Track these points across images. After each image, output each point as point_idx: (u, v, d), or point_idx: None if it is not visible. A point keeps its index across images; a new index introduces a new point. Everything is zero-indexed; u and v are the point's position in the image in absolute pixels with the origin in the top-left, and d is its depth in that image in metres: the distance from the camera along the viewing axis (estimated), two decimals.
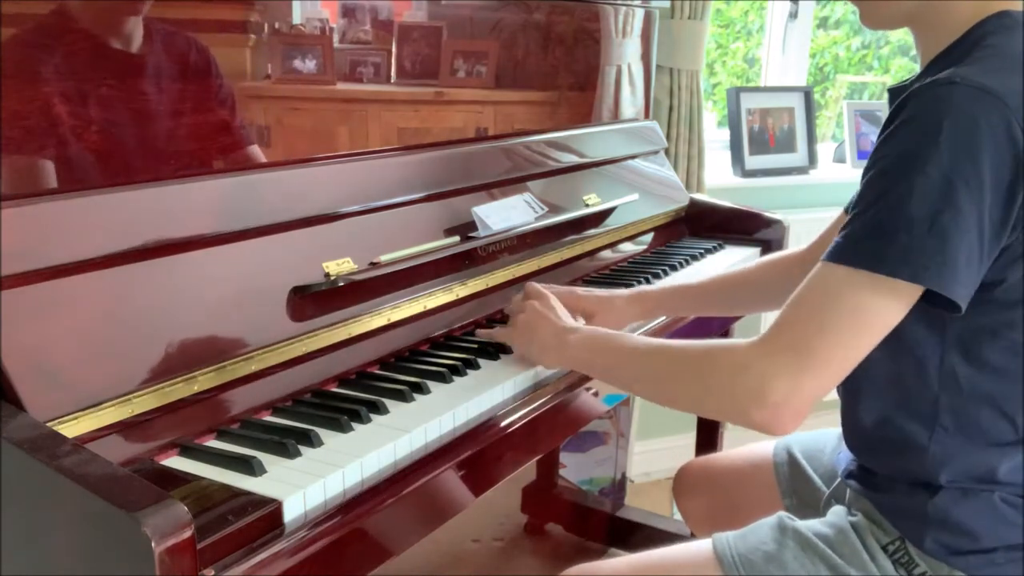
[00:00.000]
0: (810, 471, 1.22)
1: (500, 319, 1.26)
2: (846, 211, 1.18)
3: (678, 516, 1.43)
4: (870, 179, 0.86)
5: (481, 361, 1.09)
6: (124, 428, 0.83)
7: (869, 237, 0.83)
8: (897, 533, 0.97)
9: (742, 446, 1.35)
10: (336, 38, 1.19)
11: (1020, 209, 0.82)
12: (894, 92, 1.01)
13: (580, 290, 1.26)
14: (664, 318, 1.34)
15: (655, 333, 1.31)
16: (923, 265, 0.81)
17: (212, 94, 1.02)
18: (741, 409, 0.87)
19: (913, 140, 0.83)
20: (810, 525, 1.02)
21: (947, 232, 0.80)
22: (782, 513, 1.05)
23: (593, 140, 1.65)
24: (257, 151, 1.08)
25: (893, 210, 0.82)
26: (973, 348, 0.90)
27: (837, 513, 1.03)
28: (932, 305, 0.84)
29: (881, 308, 0.83)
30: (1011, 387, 0.90)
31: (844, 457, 1.08)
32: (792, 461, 1.24)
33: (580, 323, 1.12)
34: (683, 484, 1.38)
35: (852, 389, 0.98)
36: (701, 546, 1.05)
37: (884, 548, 0.97)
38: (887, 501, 0.98)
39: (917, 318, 0.86)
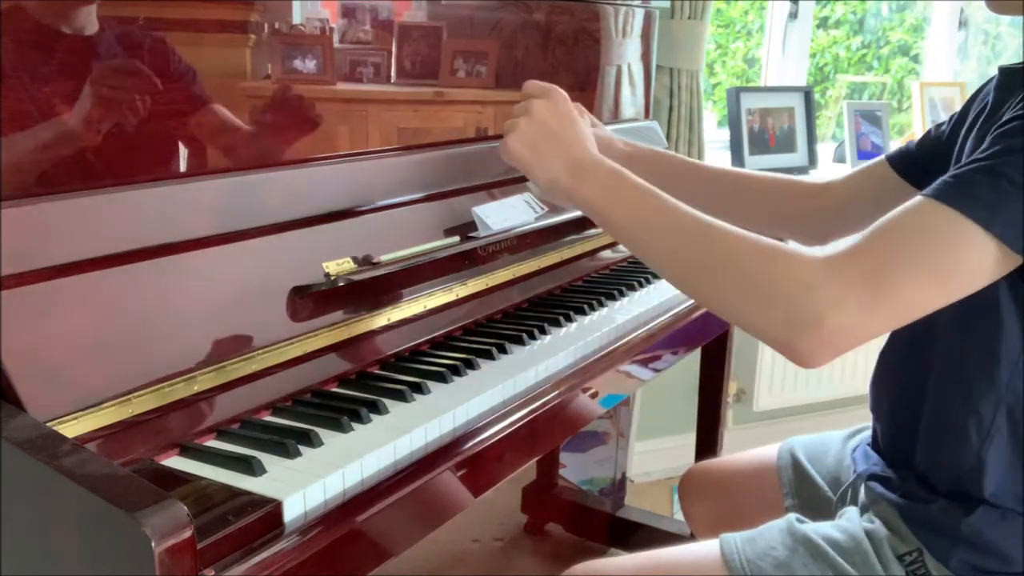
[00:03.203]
0: (813, 473, 1.21)
1: (501, 319, 1.26)
2: (887, 159, 1.14)
3: (679, 516, 1.43)
4: (1002, 132, 0.80)
5: (481, 361, 1.09)
6: (124, 428, 0.83)
7: (985, 187, 0.77)
8: (917, 544, 0.94)
9: (746, 450, 1.35)
10: (336, 38, 1.19)
11: None
12: (1007, 73, 0.96)
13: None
14: (667, 316, 1.33)
15: (657, 331, 1.30)
16: (1016, 225, 0.76)
17: (201, 95, 1.02)
18: (792, 329, 0.78)
19: None
20: (821, 530, 1.00)
21: None
22: (792, 516, 1.03)
23: None
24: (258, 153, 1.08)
25: (1016, 169, 0.77)
26: None
27: (851, 518, 1.01)
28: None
29: (976, 262, 0.78)
30: None
31: (865, 456, 1.06)
32: (796, 464, 1.23)
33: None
34: (689, 489, 1.37)
35: (917, 371, 0.93)
36: (708, 547, 1.03)
37: (900, 558, 0.94)
38: (915, 511, 0.95)
39: (1005, 304, 0.83)
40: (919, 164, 1.10)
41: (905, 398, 1.00)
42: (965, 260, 0.78)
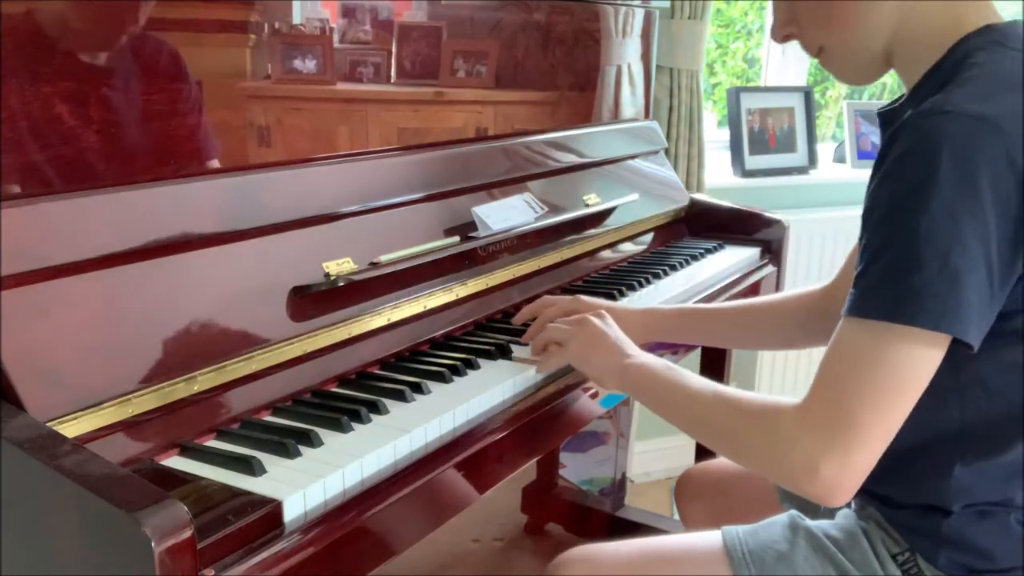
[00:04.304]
0: None
1: (500, 319, 1.26)
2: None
3: (678, 516, 1.43)
4: (876, 222, 0.82)
5: (481, 361, 1.09)
6: (124, 428, 0.83)
7: (884, 286, 0.80)
8: (908, 545, 0.95)
9: None
10: (336, 38, 1.19)
11: None
12: (884, 116, 0.98)
13: (586, 298, 1.22)
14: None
15: None
16: (941, 312, 0.78)
17: (195, 97, 1.02)
18: (794, 484, 0.84)
19: (912, 176, 0.79)
20: (821, 526, 1.00)
21: (958, 272, 0.77)
22: (793, 512, 1.03)
23: (593, 140, 1.65)
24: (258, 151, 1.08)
25: (902, 254, 0.79)
26: (995, 382, 0.87)
27: (847, 516, 1.02)
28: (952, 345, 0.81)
29: (916, 360, 0.80)
30: None
31: None
32: None
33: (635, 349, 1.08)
34: (685, 490, 1.37)
35: None
36: (709, 538, 1.02)
37: (894, 557, 0.95)
38: (898, 517, 0.96)
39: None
40: None
41: None
42: (907, 362, 0.80)
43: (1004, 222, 0.78)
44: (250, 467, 0.80)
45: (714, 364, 1.76)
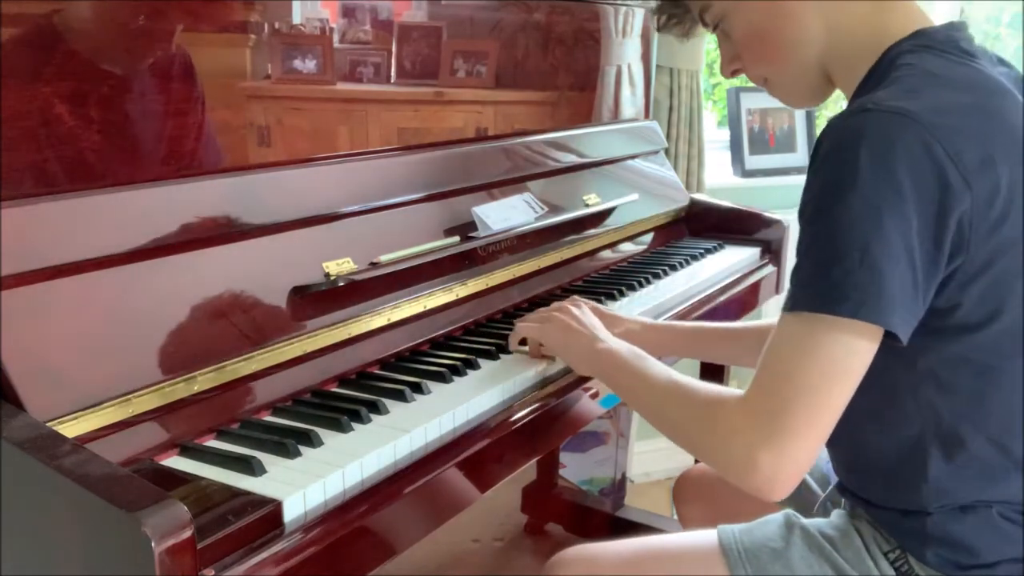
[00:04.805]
0: (807, 477, 1.21)
1: (501, 319, 1.26)
2: None
3: (679, 522, 1.43)
4: (805, 221, 0.85)
5: (481, 361, 1.09)
6: (124, 428, 0.83)
7: (811, 279, 0.82)
8: (897, 543, 0.96)
9: None
10: (336, 38, 1.19)
11: (956, 231, 0.80)
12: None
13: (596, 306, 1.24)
14: (667, 315, 1.33)
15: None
16: (860, 301, 0.79)
17: (199, 97, 1.02)
18: (734, 476, 0.86)
19: (834, 173, 0.81)
20: (816, 524, 1.01)
21: (878, 262, 0.79)
22: (789, 511, 1.04)
23: (593, 140, 1.65)
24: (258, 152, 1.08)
25: (826, 248, 0.81)
26: (946, 377, 0.88)
27: (840, 515, 1.02)
28: (886, 338, 0.82)
29: (846, 350, 0.81)
30: (994, 413, 0.89)
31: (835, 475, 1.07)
32: None
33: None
34: (683, 491, 1.37)
35: (835, 433, 0.96)
36: (705, 536, 1.03)
37: (885, 555, 0.96)
38: (884, 517, 0.97)
39: (885, 356, 0.84)
40: None
41: (833, 441, 0.99)
42: (837, 353, 0.81)
43: (925, 215, 0.79)
44: (250, 467, 0.80)
45: (714, 365, 1.76)
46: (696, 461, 1.71)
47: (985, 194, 0.81)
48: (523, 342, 1.13)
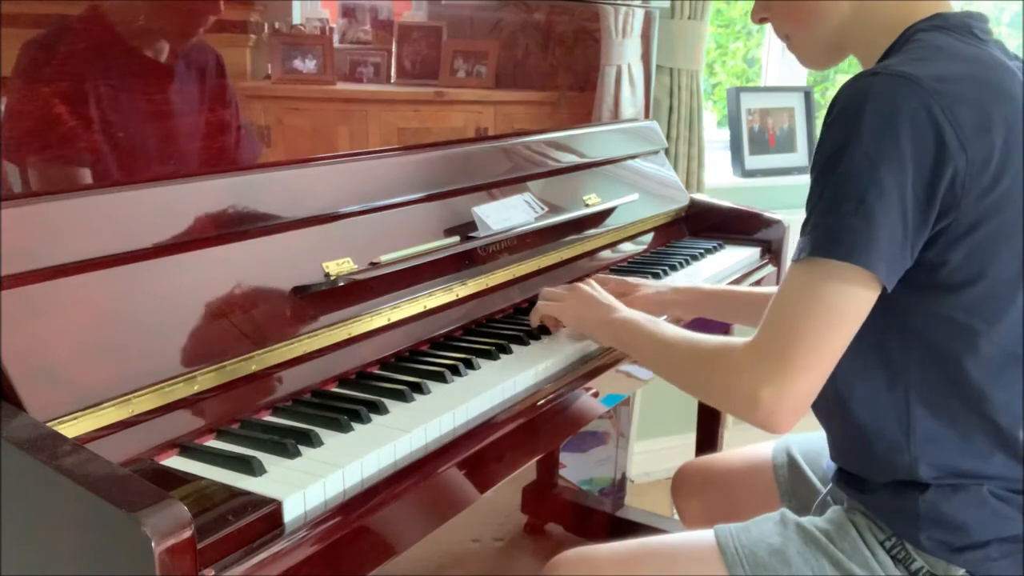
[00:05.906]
0: (809, 473, 1.22)
1: (501, 319, 1.26)
2: None
3: (678, 516, 1.43)
4: (813, 178, 0.90)
5: (481, 361, 1.09)
6: (124, 428, 0.83)
7: (813, 228, 0.88)
8: (892, 531, 0.97)
9: (741, 447, 1.35)
10: (336, 38, 1.19)
11: (948, 189, 0.85)
12: None
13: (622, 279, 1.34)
14: (667, 315, 1.33)
15: None
16: (852, 244, 0.84)
17: (218, 95, 1.02)
18: (739, 411, 0.91)
19: (841, 131, 0.87)
20: (812, 520, 1.02)
21: (873, 210, 0.84)
22: (785, 509, 1.05)
23: (593, 140, 1.65)
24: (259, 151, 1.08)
25: (828, 200, 0.87)
26: (932, 338, 0.92)
27: (835, 511, 1.04)
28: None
29: (844, 295, 0.87)
30: (974, 378, 0.92)
31: (832, 463, 1.08)
32: (792, 463, 1.24)
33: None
34: (681, 484, 1.38)
35: (825, 394, 0.99)
36: (702, 536, 1.04)
37: (881, 544, 0.97)
38: (877, 503, 0.99)
39: (878, 317, 0.89)
40: None
41: (827, 411, 1.04)
42: (835, 298, 0.87)
43: (920, 168, 0.84)
44: (250, 467, 0.80)
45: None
46: (697, 454, 1.71)
47: (979, 159, 0.85)
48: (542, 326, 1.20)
